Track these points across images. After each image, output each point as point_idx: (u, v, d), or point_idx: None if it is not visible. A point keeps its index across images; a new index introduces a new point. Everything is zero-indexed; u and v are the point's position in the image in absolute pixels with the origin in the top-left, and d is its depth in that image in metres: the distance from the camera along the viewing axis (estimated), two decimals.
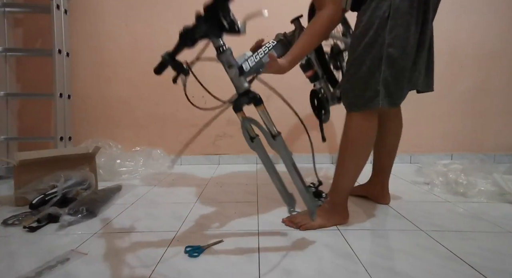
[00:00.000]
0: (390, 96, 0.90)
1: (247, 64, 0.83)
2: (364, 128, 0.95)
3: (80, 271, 0.72)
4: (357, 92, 0.93)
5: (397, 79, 0.89)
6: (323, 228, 0.95)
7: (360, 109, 0.93)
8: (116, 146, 1.79)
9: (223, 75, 0.84)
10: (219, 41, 0.77)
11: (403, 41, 0.86)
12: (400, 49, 0.86)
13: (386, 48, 0.86)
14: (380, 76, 0.88)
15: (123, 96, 1.93)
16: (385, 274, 0.70)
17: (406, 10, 0.84)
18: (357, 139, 0.95)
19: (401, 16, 0.84)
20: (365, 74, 0.90)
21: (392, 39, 0.85)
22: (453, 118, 1.97)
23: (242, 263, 0.75)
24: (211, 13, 0.72)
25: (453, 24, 1.87)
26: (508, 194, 1.21)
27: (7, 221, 1.01)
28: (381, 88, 0.89)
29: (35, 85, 1.86)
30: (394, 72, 0.88)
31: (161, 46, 1.90)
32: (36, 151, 1.25)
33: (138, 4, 1.87)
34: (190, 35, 0.76)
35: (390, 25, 0.85)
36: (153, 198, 1.29)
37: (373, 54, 0.88)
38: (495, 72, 1.92)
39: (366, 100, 0.91)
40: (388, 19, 0.85)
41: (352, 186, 1.02)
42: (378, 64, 0.88)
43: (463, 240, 0.87)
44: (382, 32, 0.86)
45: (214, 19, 0.73)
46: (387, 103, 0.90)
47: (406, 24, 0.85)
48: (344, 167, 0.98)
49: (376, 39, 0.87)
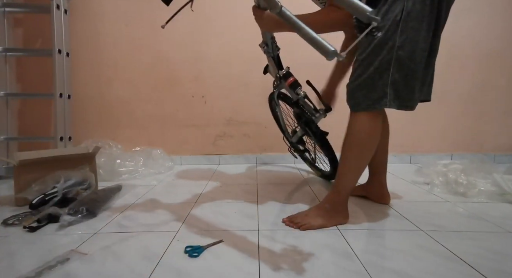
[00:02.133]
0: (400, 98, 0.90)
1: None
2: (369, 129, 0.95)
3: (80, 271, 0.72)
4: (364, 93, 0.92)
5: (407, 82, 0.89)
6: (323, 228, 0.95)
7: (366, 110, 0.93)
8: (116, 146, 1.79)
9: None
10: None
11: (414, 45, 0.86)
12: (410, 52, 0.86)
13: (396, 51, 0.86)
14: (389, 78, 0.88)
15: (123, 96, 1.93)
16: (385, 274, 0.70)
17: (418, 13, 0.84)
18: (362, 139, 0.95)
19: (412, 20, 0.84)
20: (373, 75, 0.90)
21: (402, 42, 0.85)
22: (453, 118, 1.97)
23: (242, 263, 0.75)
24: None
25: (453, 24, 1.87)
26: (508, 194, 1.21)
27: (7, 221, 1.01)
28: (389, 90, 0.89)
29: (35, 85, 1.86)
30: (404, 74, 0.88)
31: (161, 46, 1.92)
32: (36, 151, 1.25)
33: (138, 4, 1.87)
34: None
35: (401, 27, 0.85)
36: (153, 198, 1.29)
37: (383, 56, 0.88)
38: (495, 72, 1.92)
39: (373, 101, 0.91)
40: (400, 21, 0.85)
41: (354, 185, 1.01)
42: (387, 66, 0.88)
43: (463, 240, 0.87)
44: (393, 35, 0.86)
45: None
46: (397, 105, 0.91)
47: (417, 27, 0.85)
48: (347, 166, 0.98)
49: (387, 41, 0.87)
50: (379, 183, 1.18)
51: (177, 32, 1.88)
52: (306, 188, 1.41)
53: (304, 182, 1.53)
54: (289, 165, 1.91)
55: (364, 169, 0.99)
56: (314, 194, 1.31)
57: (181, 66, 1.90)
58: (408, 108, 0.93)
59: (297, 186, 1.44)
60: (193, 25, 1.87)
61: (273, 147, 1.95)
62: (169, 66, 1.91)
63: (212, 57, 1.89)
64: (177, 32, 1.88)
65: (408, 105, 0.93)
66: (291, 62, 1.36)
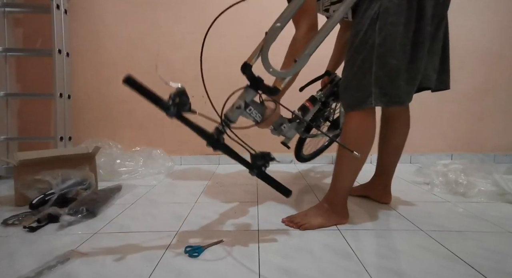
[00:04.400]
0: (386, 95, 0.90)
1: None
2: (363, 128, 0.94)
3: (80, 271, 0.72)
4: (351, 93, 0.93)
5: (392, 78, 0.88)
6: (323, 227, 0.95)
7: (354, 110, 0.93)
8: (116, 146, 1.79)
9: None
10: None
11: (393, 41, 0.86)
12: (390, 49, 0.86)
13: (376, 49, 0.86)
14: (372, 77, 0.88)
15: (123, 96, 1.93)
16: (385, 274, 0.70)
17: (395, 9, 0.84)
18: (356, 138, 0.94)
19: (391, 15, 0.84)
20: (357, 75, 0.90)
21: (382, 39, 0.85)
22: (453, 118, 1.97)
23: (242, 263, 0.75)
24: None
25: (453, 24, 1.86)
26: (508, 194, 1.21)
27: (7, 221, 1.01)
28: (374, 88, 0.88)
29: (35, 85, 1.86)
30: (387, 71, 0.88)
31: (161, 46, 1.92)
32: (36, 151, 1.25)
33: (138, 4, 1.87)
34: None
35: (379, 25, 0.85)
36: (153, 198, 1.29)
37: (364, 55, 0.88)
38: (495, 72, 1.92)
39: (360, 100, 0.91)
40: (377, 19, 0.85)
41: (351, 186, 1.01)
42: (369, 65, 0.88)
43: (463, 240, 0.87)
44: (373, 33, 0.86)
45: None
46: (384, 103, 0.90)
47: (396, 23, 0.85)
48: (343, 166, 0.98)
49: (366, 40, 0.87)
50: (384, 185, 1.18)
51: (177, 32, 1.88)
52: (306, 188, 1.41)
53: (304, 181, 1.53)
54: (289, 165, 1.92)
55: (361, 168, 0.98)
56: (314, 194, 1.31)
57: (181, 66, 1.90)
58: (398, 104, 0.93)
59: (297, 186, 1.44)
60: (193, 25, 1.87)
61: (273, 147, 1.94)
62: (169, 66, 1.91)
63: (212, 57, 1.89)
64: (177, 32, 1.88)
65: (397, 102, 0.92)
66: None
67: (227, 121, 0.85)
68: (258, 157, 0.81)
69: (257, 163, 0.81)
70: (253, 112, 0.92)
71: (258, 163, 0.81)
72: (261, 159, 0.81)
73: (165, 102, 0.72)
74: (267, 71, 0.83)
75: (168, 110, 0.72)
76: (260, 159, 0.81)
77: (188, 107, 0.75)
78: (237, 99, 0.87)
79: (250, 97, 0.87)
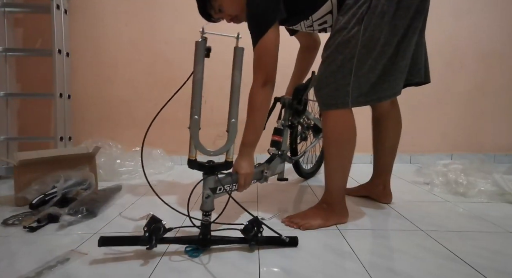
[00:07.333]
0: (362, 95, 0.90)
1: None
2: (341, 126, 0.93)
3: (80, 271, 0.72)
4: (327, 92, 0.91)
5: (368, 78, 0.88)
6: (323, 227, 0.95)
7: (330, 109, 0.92)
8: (116, 146, 1.79)
9: None
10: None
11: (375, 42, 0.85)
12: (371, 50, 0.86)
13: (359, 49, 0.86)
14: (351, 78, 0.87)
15: (123, 96, 1.93)
16: (385, 274, 0.70)
17: (380, 9, 0.83)
18: (336, 138, 0.93)
19: (376, 16, 0.84)
20: (335, 74, 0.89)
21: (365, 40, 0.85)
22: (453, 118, 1.97)
23: (242, 263, 0.75)
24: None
25: (453, 24, 1.87)
26: (508, 194, 1.21)
27: (7, 221, 1.01)
28: (351, 89, 0.88)
29: (35, 85, 1.86)
30: (365, 72, 0.87)
31: (161, 46, 1.92)
32: (36, 151, 1.25)
33: (138, 4, 1.87)
34: None
35: (364, 25, 0.84)
36: (153, 198, 1.28)
37: (345, 54, 0.87)
38: (495, 72, 1.92)
39: (336, 99, 0.90)
40: (363, 19, 0.84)
41: (345, 184, 1.00)
42: (350, 65, 0.87)
43: (463, 240, 0.87)
44: (357, 33, 0.85)
45: None
46: (363, 103, 0.90)
47: (379, 23, 0.84)
48: (329, 166, 0.98)
49: (349, 39, 0.86)
50: (383, 184, 1.18)
51: (177, 32, 1.88)
52: (305, 188, 1.41)
53: (304, 181, 1.53)
54: (289, 165, 1.91)
55: (349, 166, 0.97)
56: (313, 194, 1.31)
57: (181, 66, 1.90)
58: (376, 101, 0.93)
59: (297, 186, 1.44)
60: (193, 25, 1.87)
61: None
62: (169, 66, 1.91)
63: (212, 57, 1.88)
64: (177, 32, 1.88)
65: (375, 99, 0.92)
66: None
67: (207, 213, 0.82)
68: (248, 230, 0.79)
69: (250, 235, 0.79)
70: (224, 188, 0.88)
71: (251, 234, 0.79)
72: (252, 229, 0.79)
73: (143, 237, 0.75)
74: (208, 155, 0.84)
75: (150, 244, 0.75)
76: (251, 229, 0.79)
77: (163, 229, 0.78)
78: (203, 190, 0.83)
79: (212, 183, 0.84)
